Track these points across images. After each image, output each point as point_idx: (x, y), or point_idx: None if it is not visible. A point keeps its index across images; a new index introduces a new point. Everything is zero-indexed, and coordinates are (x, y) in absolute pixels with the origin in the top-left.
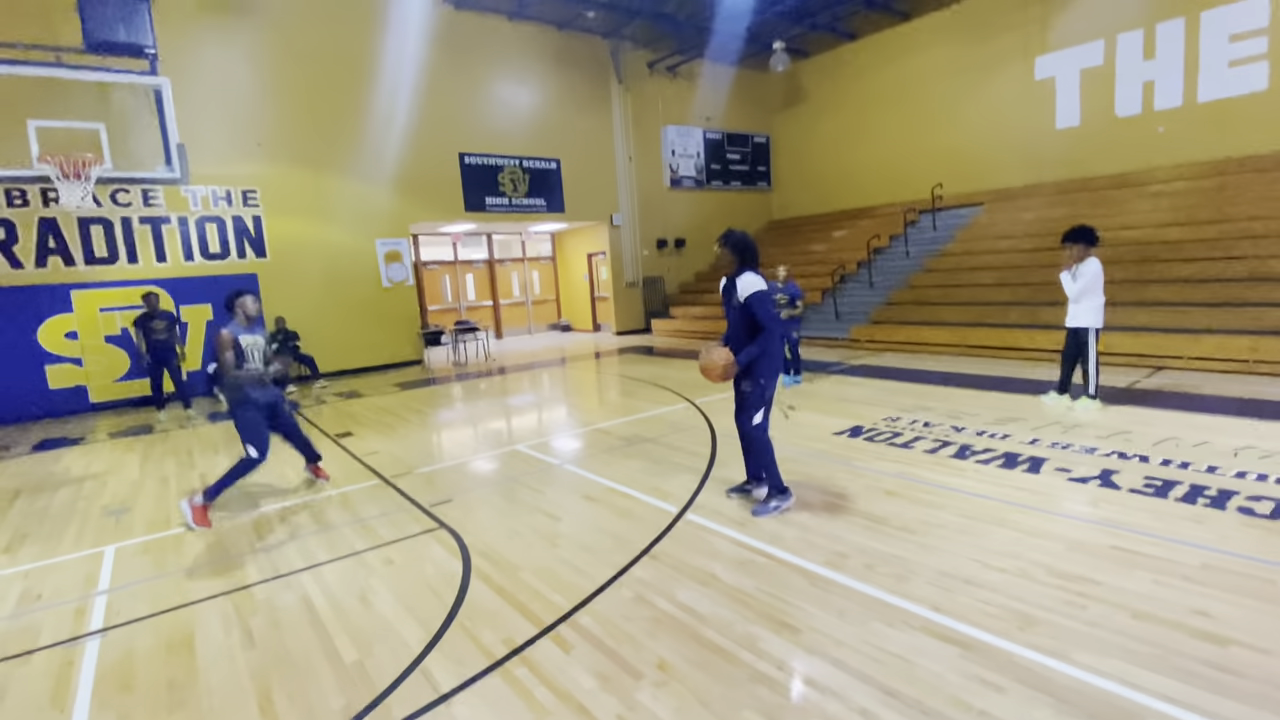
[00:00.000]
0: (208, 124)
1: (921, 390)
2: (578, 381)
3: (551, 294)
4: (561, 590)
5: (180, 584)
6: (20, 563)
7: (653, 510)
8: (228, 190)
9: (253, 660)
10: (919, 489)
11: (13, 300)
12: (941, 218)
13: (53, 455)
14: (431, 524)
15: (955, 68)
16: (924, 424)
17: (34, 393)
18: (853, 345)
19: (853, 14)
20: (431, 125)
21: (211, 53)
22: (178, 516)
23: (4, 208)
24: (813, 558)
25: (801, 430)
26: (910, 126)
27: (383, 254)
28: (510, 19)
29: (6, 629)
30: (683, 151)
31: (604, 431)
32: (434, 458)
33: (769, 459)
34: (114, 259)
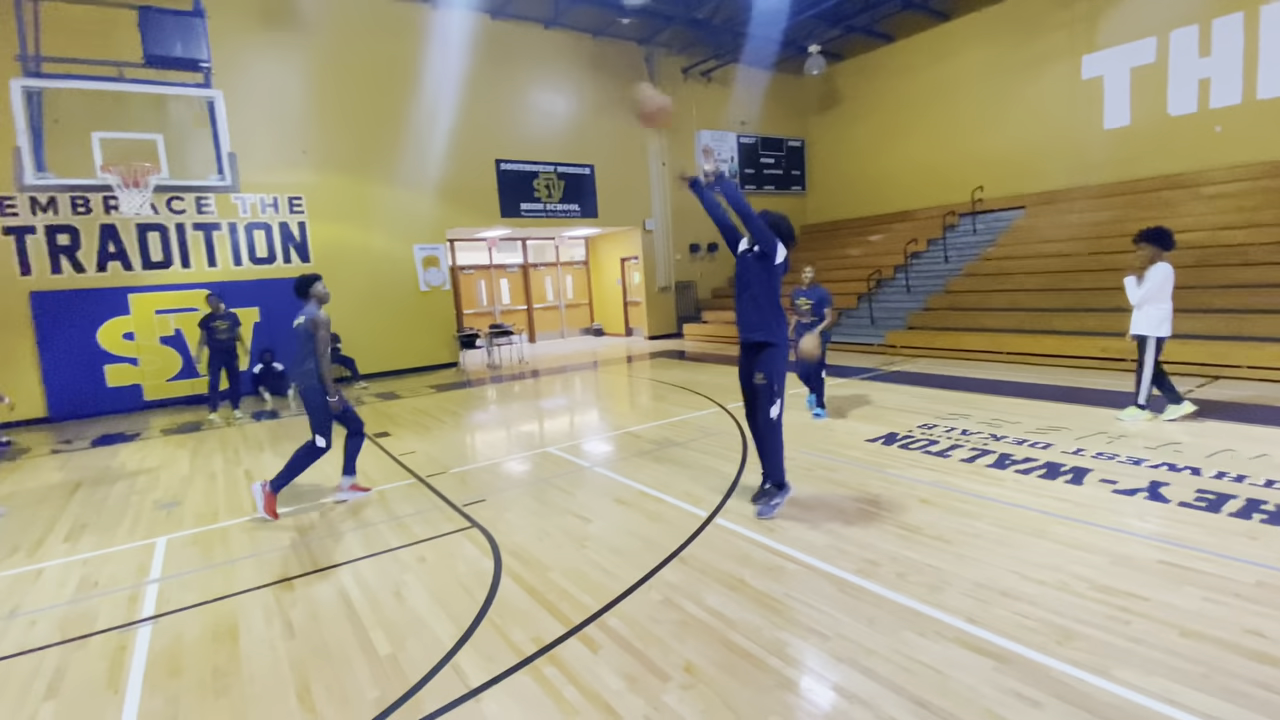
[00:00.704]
0: (257, 133)
1: (959, 397)
2: (609, 385)
3: (584, 298)
4: (590, 591)
5: (226, 575)
6: (80, 551)
7: (682, 514)
8: (275, 197)
9: (293, 650)
10: (955, 498)
11: (75, 303)
12: (982, 221)
13: (110, 450)
14: (464, 523)
15: (997, 68)
16: (961, 432)
17: (93, 391)
18: (888, 351)
19: (890, 15)
20: (469, 133)
21: (261, 65)
22: (224, 511)
23: (69, 215)
24: (843, 565)
25: (835, 436)
26: (949, 128)
27: (421, 259)
28: (546, 27)
29: (66, 613)
30: (717, 156)
31: (635, 435)
32: (468, 458)
33: (780, 455)
34: (169, 264)
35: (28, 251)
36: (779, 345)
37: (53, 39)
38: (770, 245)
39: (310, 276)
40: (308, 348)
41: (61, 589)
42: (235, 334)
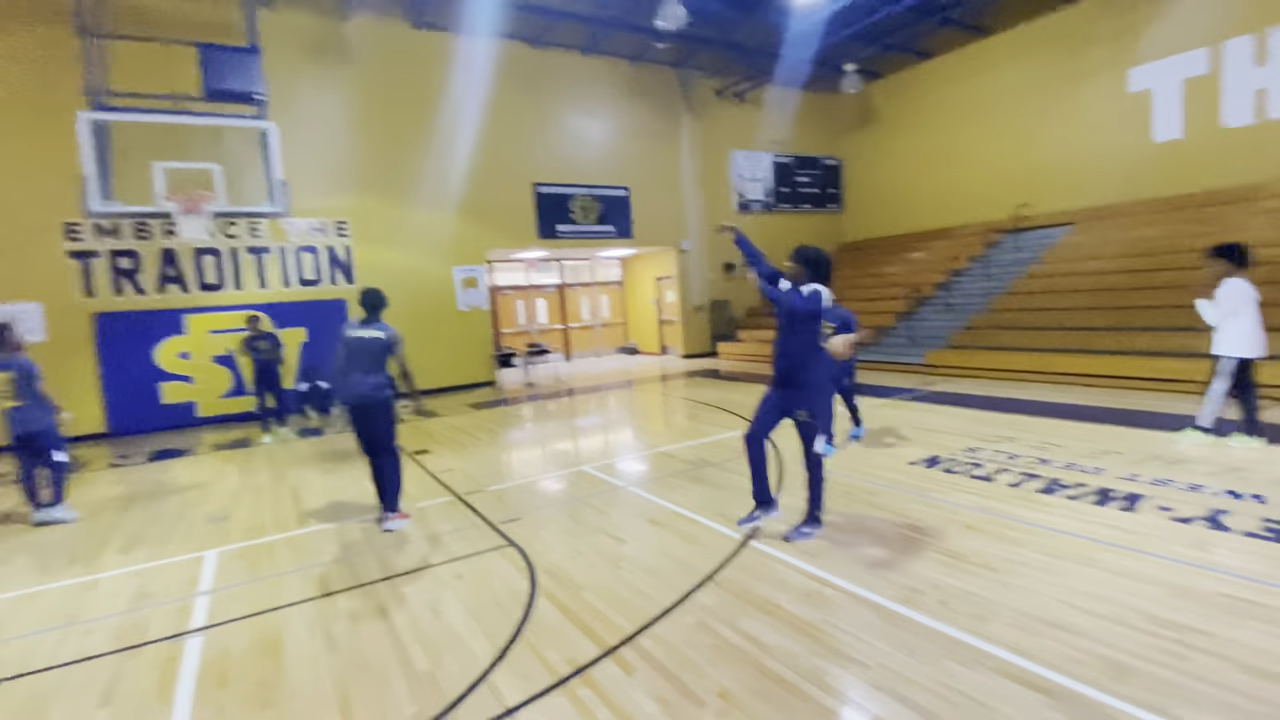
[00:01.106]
0: (306, 161)
1: (1004, 419)
2: (644, 404)
3: (620, 317)
4: (624, 612)
5: (271, 588)
6: (134, 563)
7: (717, 536)
8: (322, 222)
9: (334, 664)
10: (1001, 524)
11: (135, 323)
12: (1025, 238)
13: (164, 465)
14: (500, 541)
15: (1039, 82)
16: (1007, 455)
17: (150, 407)
18: (929, 371)
19: (928, 33)
20: (508, 157)
21: (311, 96)
22: (271, 525)
23: (131, 240)
24: (884, 592)
25: (875, 459)
26: (990, 144)
27: (460, 280)
28: (583, 54)
29: (121, 623)
30: (751, 176)
31: (669, 455)
32: (504, 476)
33: (819, 490)
34: (222, 286)
35: (92, 274)
36: (817, 373)
37: (118, 75)
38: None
39: (380, 292)
40: (381, 360)
41: (116, 599)
42: (277, 354)
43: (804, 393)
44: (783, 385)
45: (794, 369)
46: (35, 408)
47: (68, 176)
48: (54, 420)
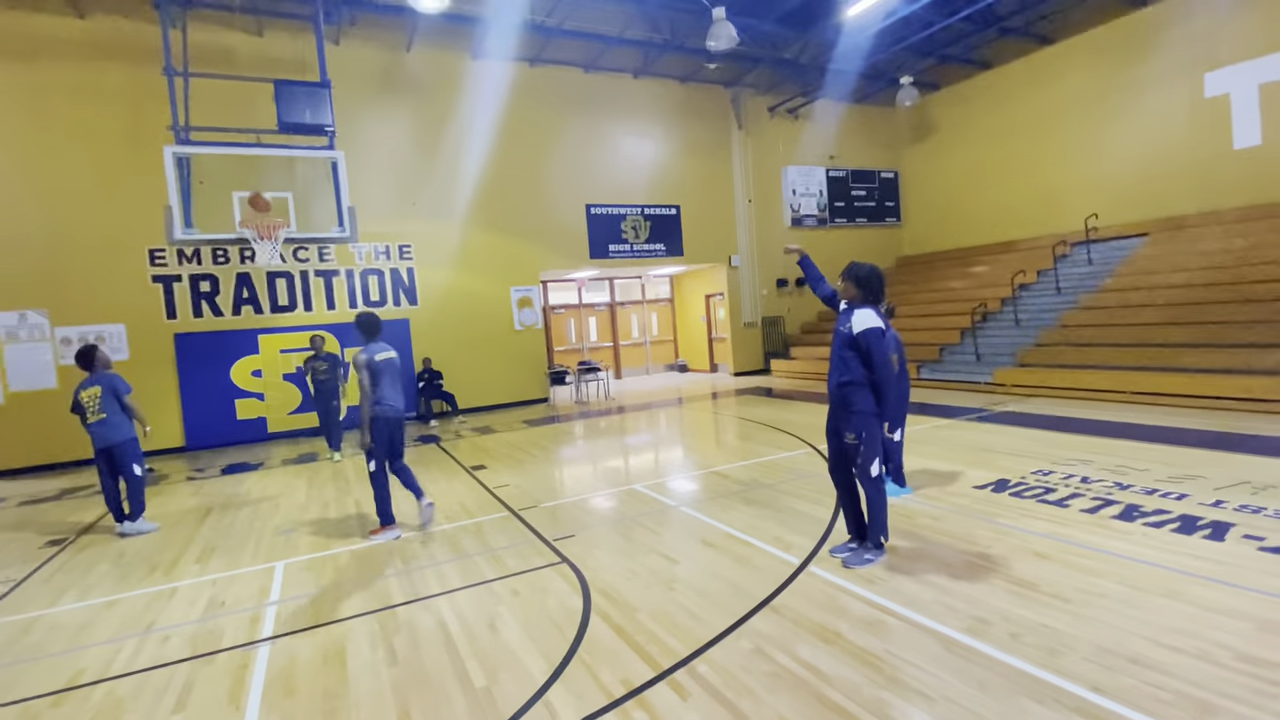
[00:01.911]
0: (371, 187)
1: (1078, 441)
2: (694, 422)
3: (669, 334)
4: (678, 635)
5: (336, 600)
6: (209, 572)
7: (773, 560)
8: (387, 245)
9: (395, 677)
10: (1075, 552)
11: (212, 343)
12: (1098, 250)
13: (237, 478)
14: (554, 558)
15: (1107, 89)
16: (1081, 479)
17: (225, 423)
18: (996, 390)
19: (987, 43)
20: (561, 180)
21: (376, 126)
22: (336, 538)
23: (210, 265)
24: (951, 622)
25: (939, 482)
26: (1056, 154)
27: (516, 300)
28: (635, 77)
29: (196, 630)
30: (804, 191)
31: (721, 475)
32: (557, 493)
33: (880, 515)
34: (293, 307)
35: (174, 297)
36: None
37: (201, 110)
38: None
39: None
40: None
41: (192, 607)
42: (337, 374)
43: (852, 416)
44: (834, 406)
45: (843, 391)
46: (117, 422)
47: (153, 206)
48: (133, 435)
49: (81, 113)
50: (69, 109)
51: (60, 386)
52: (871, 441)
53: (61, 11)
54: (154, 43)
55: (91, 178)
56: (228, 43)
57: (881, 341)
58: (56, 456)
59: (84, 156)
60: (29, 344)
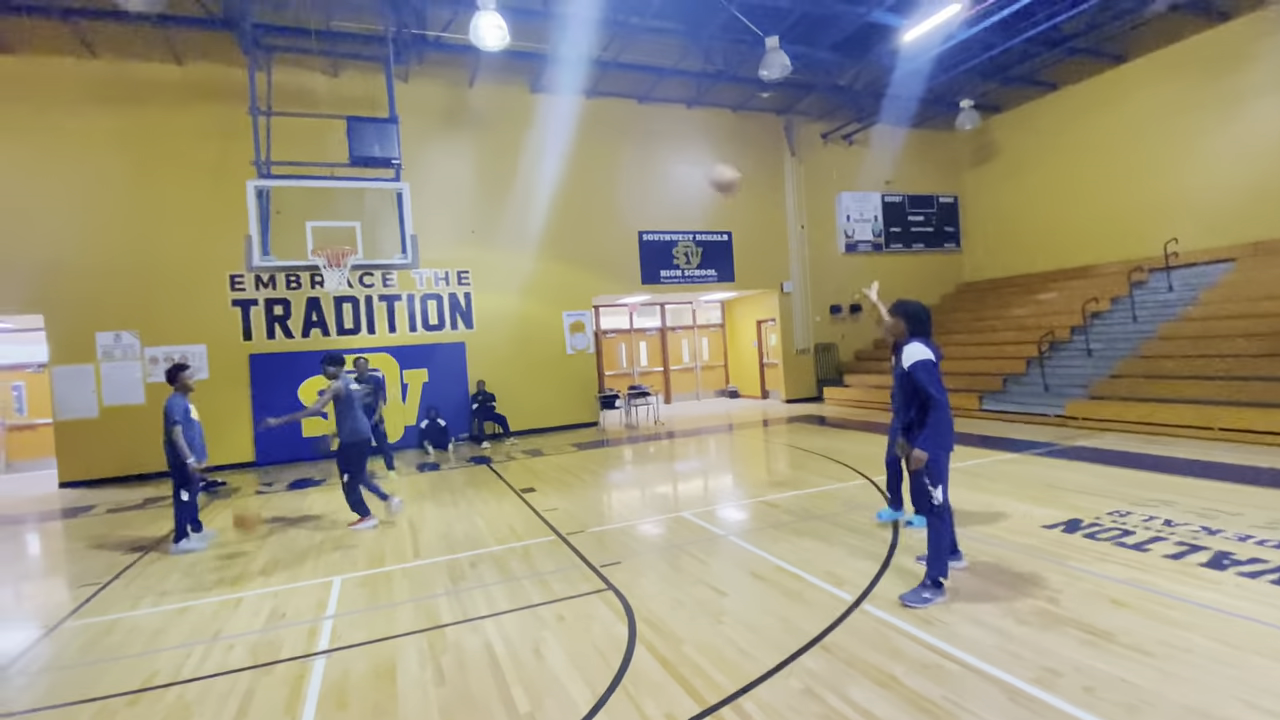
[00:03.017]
0: (432, 216)
1: (1159, 480)
2: (745, 450)
3: (720, 360)
4: (725, 670)
5: (388, 617)
6: (272, 584)
7: (825, 596)
8: (446, 271)
9: (442, 697)
10: (1157, 602)
11: (283, 364)
12: (1178, 276)
13: (301, 493)
14: (601, 585)
15: (1185, 107)
16: (1164, 522)
17: (292, 440)
18: (1066, 423)
19: (1054, 63)
20: (614, 207)
21: (438, 157)
22: (390, 556)
23: (284, 290)
24: (1017, 671)
25: (1004, 521)
26: (1130, 176)
27: (568, 324)
28: (688, 107)
29: (258, 640)
30: (859, 216)
31: (771, 504)
32: (605, 518)
33: (939, 546)
34: (358, 330)
35: (250, 320)
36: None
37: (279, 145)
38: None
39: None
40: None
41: (255, 618)
42: (377, 397)
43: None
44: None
45: (907, 426)
46: (169, 447)
47: (234, 235)
48: (176, 462)
49: (174, 151)
50: (163, 147)
51: (147, 402)
52: (937, 468)
53: (165, 60)
54: (240, 85)
55: (180, 210)
56: (306, 83)
57: (931, 371)
58: (142, 468)
59: (174, 191)
60: (122, 362)
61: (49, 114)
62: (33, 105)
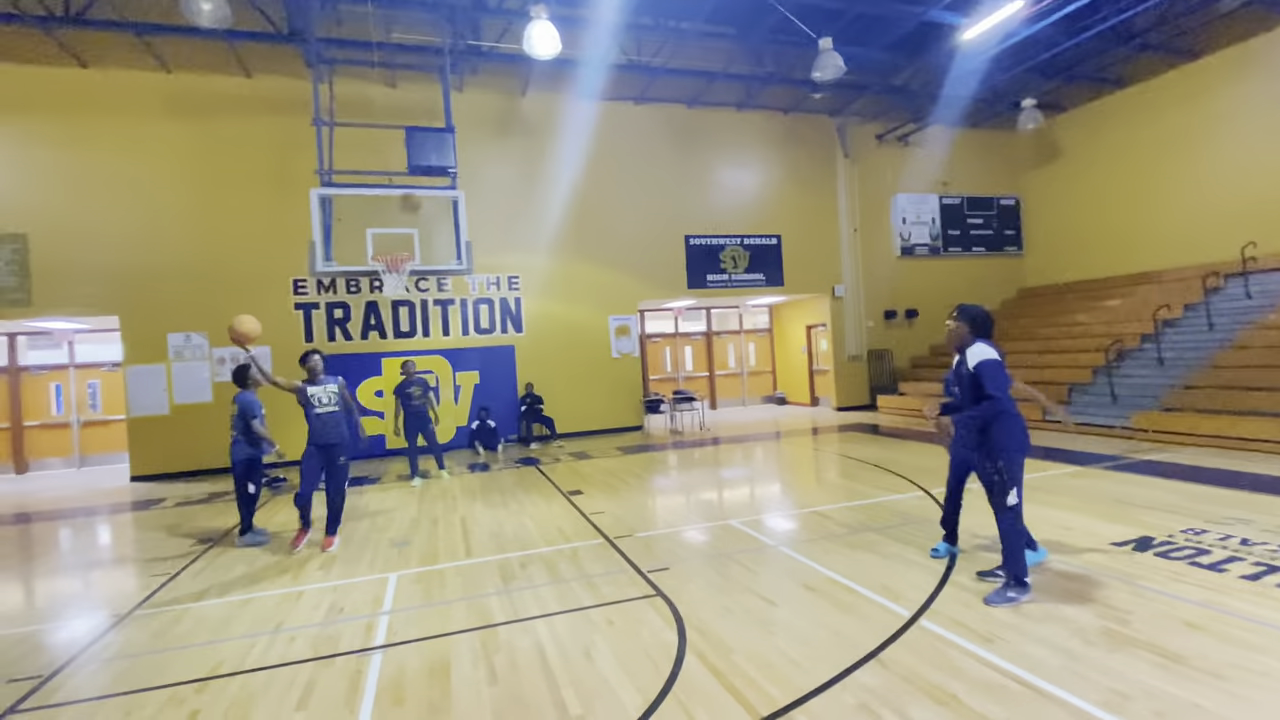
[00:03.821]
0: (485, 222)
1: (1236, 498)
2: (794, 458)
3: (767, 366)
4: (777, 682)
5: (442, 614)
6: (331, 579)
7: (880, 610)
8: (498, 277)
9: (495, 696)
10: (1233, 624)
11: (342, 365)
12: (1257, 282)
13: (358, 491)
14: (649, 590)
15: (1264, 105)
16: (1241, 541)
17: (351, 439)
18: (1136, 436)
19: (1122, 60)
20: (661, 212)
21: (491, 165)
22: (443, 554)
23: (344, 294)
24: (1084, 693)
25: (1070, 538)
26: (1203, 177)
27: (614, 328)
28: (739, 109)
29: (319, 633)
30: (915, 219)
31: (823, 515)
32: (652, 523)
33: (1015, 546)
34: (413, 334)
35: (312, 323)
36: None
37: (341, 155)
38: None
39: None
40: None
41: (315, 611)
42: (429, 399)
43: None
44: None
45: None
46: (241, 442)
47: (297, 241)
48: (250, 455)
49: (241, 160)
50: (231, 157)
51: (214, 401)
52: (1012, 471)
53: (234, 73)
54: (303, 97)
55: (247, 217)
56: (366, 94)
57: (996, 371)
58: (210, 463)
59: (241, 198)
60: (191, 362)
61: (126, 125)
62: (111, 116)
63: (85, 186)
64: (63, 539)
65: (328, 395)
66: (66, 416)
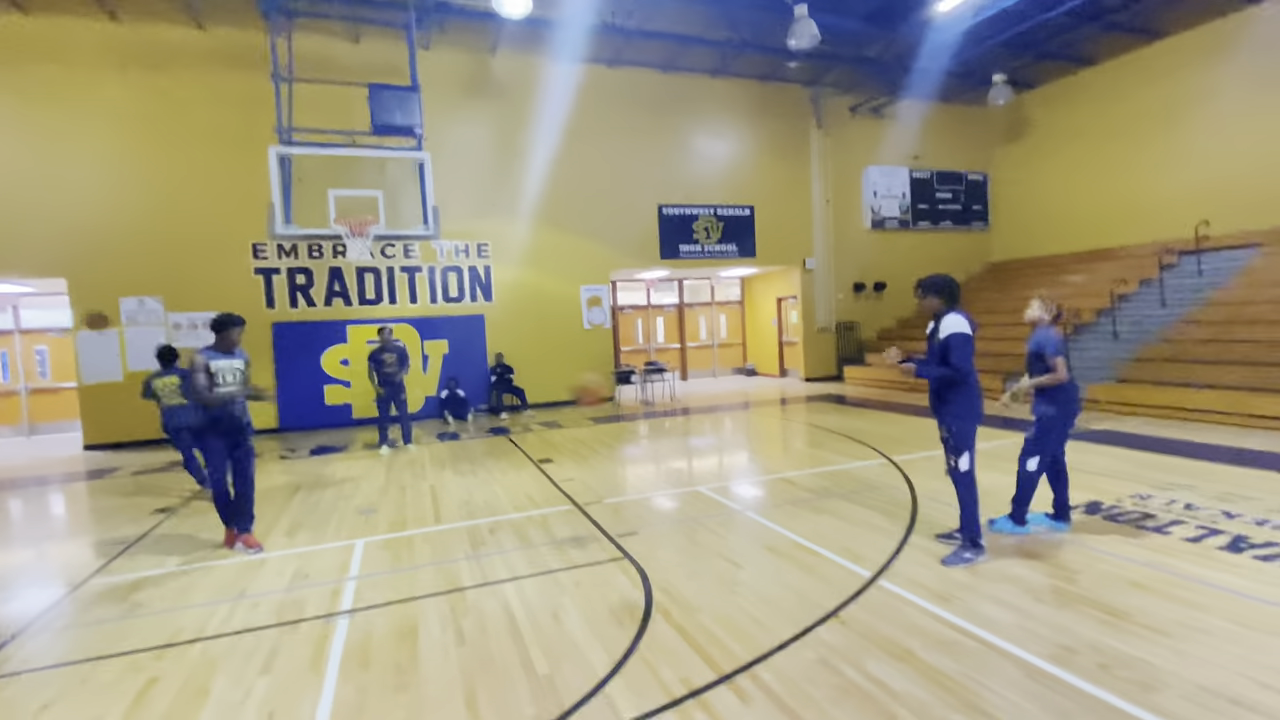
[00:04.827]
0: (454, 187)
1: (1182, 465)
2: (762, 427)
3: (738, 338)
4: (741, 640)
5: (410, 579)
6: (296, 546)
7: (841, 571)
8: (467, 244)
9: (463, 658)
10: (1175, 583)
11: (305, 333)
12: (1209, 260)
13: (323, 459)
14: (617, 554)
15: (1224, 86)
16: (1185, 506)
17: (315, 407)
18: (1091, 406)
19: (1090, 39)
20: (634, 180)
21: (460, 128)
22: (411, 520)
23: (306, 259)
24: (1033, 648)
25: None
26: (1164, 156)
27: (585, 299)
28: (713, 77)
29: (283, 600)
30: (886, 192)
31: (789, 481)
32: (621, 490)
33: (972, 510)
34: (379, 300)
35: (273, 289)
36: (956, 400)
37: (301, 113)
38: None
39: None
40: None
41: (280, 578)
42: (401, 367)
43: (943, 413)
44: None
45: (939, 387)
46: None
47: (257, 203)
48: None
49: (197, 116)
50: (187, 113)
51: None
52: (962, 437)
53: (185, 24)
54: (262, 50)
55: (204, 176)
56: (327, 50)
57: (964, 346)
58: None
59: (198, 156)
60: (146, 327)
61: (72, 76)
62: (55, 67)
63: (29, 142)
64: (13, 509)
65: (234, 373)
66: (14, 384)
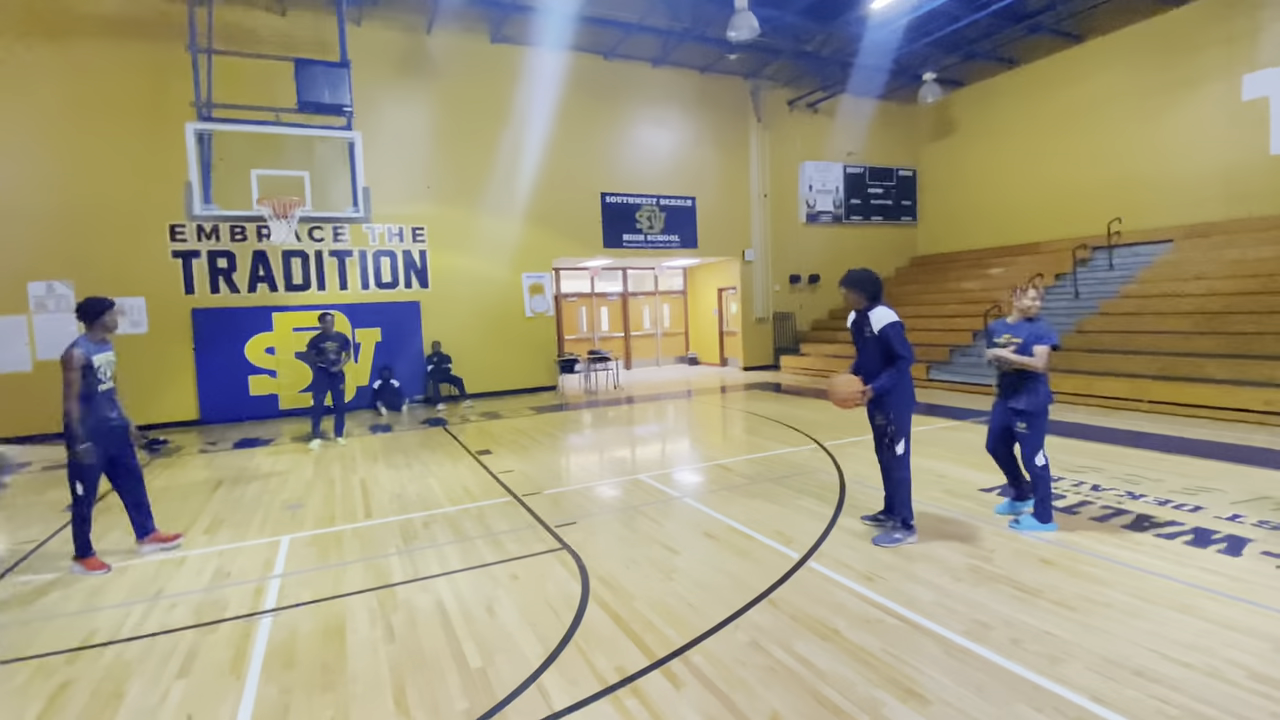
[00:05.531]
0: (387, 169)
1: (1090, 449)
2: (702, 415)
3: (681, 327)
4: (675, 624)
5: (337, 576)
6: (217, 544)
7: (773, 554)
8: (400, 227)
9: (392, 654)
10: (1082, 560)
11: (228, 320)
12: (1120, 255)
13: (248, 453)
14: (555, 544)
15: (1138, 90)
16: (1091, 487)
17: (238, 398)
18: None
19: (1015, 40)
20: (576, 167)
21: (393, 108)
22: (340, 515)
23: (228, 242)
24: (950, 624)
25: (944, 484)
26: (1081, 156)
27: (527, 286)
28: (654, 65)
29: (202, 600)
30: (821, 187)
31: (726, 468)
32: (561, 480)
33: (905, 493)
34: (307, 286)
35: (192, 273)
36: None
37: (222, 87)
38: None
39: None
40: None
41: (199, 577)
42: (343, 356)
43: (883, 402)
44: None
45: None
46: None
47: (174, 182)
48: None
49: (110, 88)
50: (98, 84)
51: None
52: (901, 423)
53: None
54: (180, 20)
55: (116, 153)
56: (251, 22)
57: (901, 331)
58: None
59: (110, 131)
60: (56, 314)
61: None
62: None
63: None
64: None
65: (110, 367)
66: None
